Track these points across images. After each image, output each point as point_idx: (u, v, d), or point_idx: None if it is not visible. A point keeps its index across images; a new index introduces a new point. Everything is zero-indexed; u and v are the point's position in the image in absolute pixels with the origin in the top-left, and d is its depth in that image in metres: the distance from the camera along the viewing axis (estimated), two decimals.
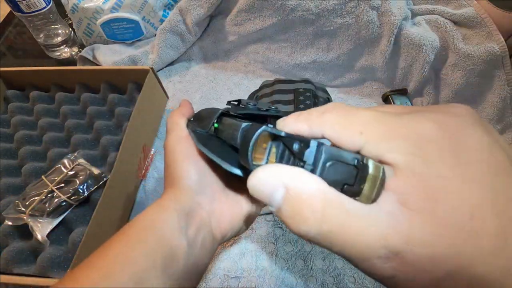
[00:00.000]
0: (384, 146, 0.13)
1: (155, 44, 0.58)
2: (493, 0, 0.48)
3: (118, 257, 0.19)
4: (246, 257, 0.40)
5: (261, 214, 0.44)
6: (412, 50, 0.50)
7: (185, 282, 0.20)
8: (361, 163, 0.13)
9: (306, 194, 0.13)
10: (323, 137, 0.15)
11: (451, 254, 0.12)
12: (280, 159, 0.15)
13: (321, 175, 0.14)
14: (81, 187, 0.40)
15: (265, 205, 0.16)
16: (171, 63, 0.61)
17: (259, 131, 0.14)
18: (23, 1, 0.53)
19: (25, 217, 0.38)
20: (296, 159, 0.14)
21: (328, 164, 0.13)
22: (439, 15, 0.51)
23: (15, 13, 0.55)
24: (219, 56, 0.62)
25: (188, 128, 0.25)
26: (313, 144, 0.14)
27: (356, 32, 0.51)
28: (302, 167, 0.14)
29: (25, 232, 0.39)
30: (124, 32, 0.59)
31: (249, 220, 0.25)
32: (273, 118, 0.23)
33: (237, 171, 0.17)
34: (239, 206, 0.24)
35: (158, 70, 0.60)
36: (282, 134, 0.14)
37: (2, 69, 0.51)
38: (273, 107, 0.23)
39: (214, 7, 0.55)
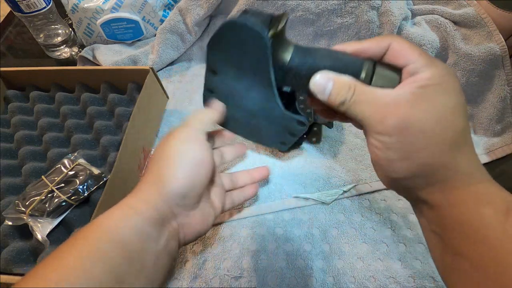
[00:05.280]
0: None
1: (155, 44, 0.58)
2: (493, 0, 0.48)
3: (76, 267, 0.17)
4: (246, 257, 0.40)
5: (262, 214, 0.44)
6: None
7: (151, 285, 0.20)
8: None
9: (344, 81, 0.20)
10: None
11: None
12: None
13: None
14: (81, 187, 0.40)
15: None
16: (171, 63, 0.61)
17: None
18: (23, 1, 0.53)
19: (25, 217, 0.38)
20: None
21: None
22: (439, 15, 0.51)
23: (15, 13, 0.55)
24: None
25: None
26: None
27: (356, 32, 0.51)
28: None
29: (25, 232, 0.39)
30: (124, 32, 0.59)
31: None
32: None
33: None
34: (207, 221, 0.24)
35: (158, 70, 0.60)
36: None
37: (2, 69, 0.51)
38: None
39: (214, 7, 0.55)
